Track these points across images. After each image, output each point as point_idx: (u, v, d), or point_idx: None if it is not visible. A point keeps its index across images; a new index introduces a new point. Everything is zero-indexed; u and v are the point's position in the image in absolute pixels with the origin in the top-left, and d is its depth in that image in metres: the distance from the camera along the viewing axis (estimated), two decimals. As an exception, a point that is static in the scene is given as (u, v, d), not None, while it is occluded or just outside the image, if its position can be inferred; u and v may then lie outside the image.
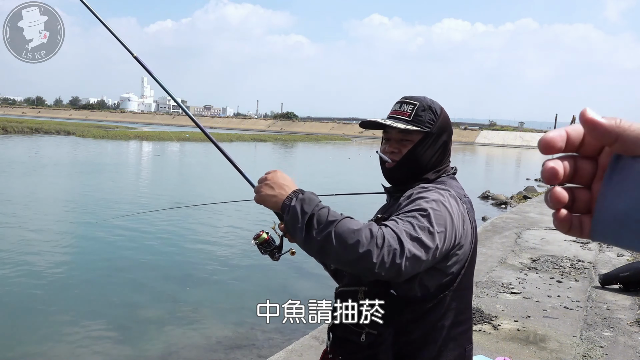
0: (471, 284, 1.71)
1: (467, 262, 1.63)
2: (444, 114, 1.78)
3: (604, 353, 4.68)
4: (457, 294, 1.62)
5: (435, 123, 1.73)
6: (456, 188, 1.71)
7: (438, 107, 1.78)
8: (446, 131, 1.77)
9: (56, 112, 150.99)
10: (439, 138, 1.75)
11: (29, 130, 49.63)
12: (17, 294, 6.89)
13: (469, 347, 1.70)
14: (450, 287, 1.60)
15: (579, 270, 7.57)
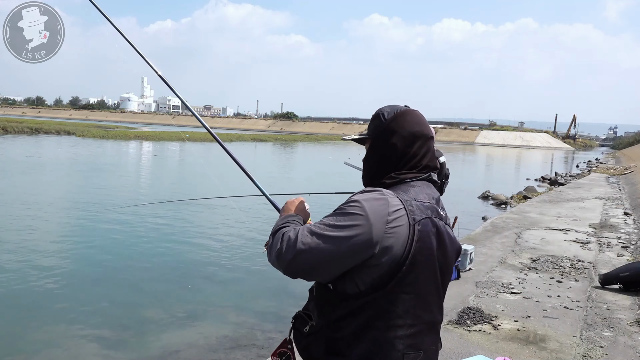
0: (420, 290, 1.66)
1: (403, 265, 1.59)
2: (401, 118, 1.80)
3: (604, 353, 4.68)
4: (392, 297, 1.61)
5: (379, 128, 1.80)
6: (416, 192, 1.72)
7: (391, 113, 1.82)
8: (396, 134, 1.78)
9: (56, 112, 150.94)
10: (386, 142, 1.78)
11: (29, 130, 49.63)
12: (17, 293, 6.89)
13: (412, 354, 1.66)
14: (381, 288, 1.59)
15: (579, 270, 7.56)
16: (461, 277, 6.83)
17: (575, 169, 40.77)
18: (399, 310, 1.63)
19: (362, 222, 1.56)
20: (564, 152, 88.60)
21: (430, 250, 1.66)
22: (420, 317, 1.68)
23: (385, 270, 1.59)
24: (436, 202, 1.80)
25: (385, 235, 1.57)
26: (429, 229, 1.66)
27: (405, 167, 1.79)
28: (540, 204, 15.59)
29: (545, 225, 11.48)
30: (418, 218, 1.64)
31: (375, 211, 1.58)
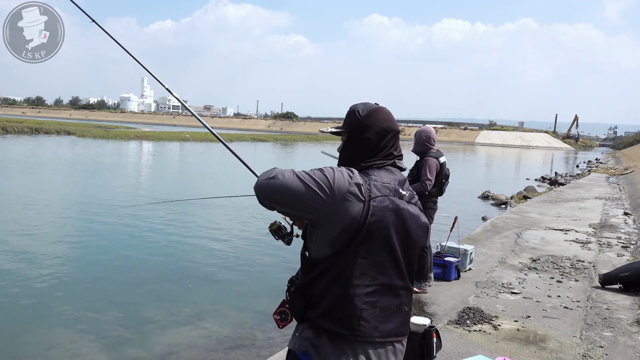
0: (375, 257, 1.97)
1: (359, 234, 1.92)
2: (373, 116, 2.12)
3: (604, 353, 4.68)
4: (350, 262, 1.94)
5: (355, 123, 2.13)
6: (378, 176, 2.03)
7: (365, 110, 2.14)
8: (370, 129, 2.09)
9: (56, 112, 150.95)
10: (361, 136, 2.10)
11: (29, 130, 49.63)
12: (17, 293, 6.89)
13: (368, 310, 1.97)
14: (340, 254, 1.93)
15: (579, 270, 7.56)
16: (461, 277, 6.83)
17: (576, 169, 40.77)
18: (356, 272, 1.94)
19: (327, 184, 1.90)
20: (564, 152, 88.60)
21: (386, 224, 1.96)
22: (376, 279, 1.98)
23: (343, 238, 1.92)
24: (398, 184, 2.07)
25: (340, 203, 1.90)
26: (386, 205, 1.97)
27: (375, 156, 2.09)
28: (540, 204, 15.59)
29: (545, 225, 11.48)
30: (374, 195, 1.95)
31: (339, 181, 1.91)
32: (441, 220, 8.86)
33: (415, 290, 6.17)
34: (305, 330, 2.07)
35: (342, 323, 1.97)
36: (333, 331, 1.98)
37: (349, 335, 1.97)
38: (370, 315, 1.98)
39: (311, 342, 2.02)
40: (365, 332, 1.98)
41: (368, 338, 1.98)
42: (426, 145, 6.01)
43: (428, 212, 6.02)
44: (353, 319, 1.96)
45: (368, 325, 1.98)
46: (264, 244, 10.15)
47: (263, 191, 2.01)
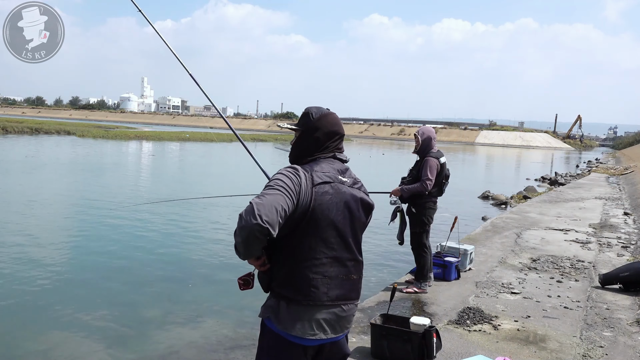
0: (321, 234, 2.33)
1: (306, 215, 2.28)
2: (324, 119, 2.51)
3: (604, 353, 4.68)
4: (300, 238, 2.31)
5: (307, 124, 2.53)
6: (319, 168, 2.39)
7: (317, 113, 2.54)
8: (319, 130, 2.49)
9: (56, 112, 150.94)
10: (311, 135, 2.50)
11: (29, 130, 49.62)
12: (17, 293, 6.89)
13: (319, 278, 2.33)
14: (293, 232, 2.29)
15: (579, 270, 7.56)
16: (461, 277, 6.83)
17: (575, 169, 40.77)
18: (306, 247, 2.31)
19: (293, 185, 2.25)
20: (564, 152, 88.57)
21: (328, 205, 2.33)
22: (324, 252, 2.34)
23: (298, 218, 2.27)
24: (339, 172, 2.44)
25: (299, 194, 2.25)
26: (326, 190, 2.33)
27: (320, 152, 2.48)
28: (540, 204, 15.59)
29: (545, 225, 11.48)
30: (317, 182, 2.31)
31: (295, 179, 2.27)
32: (441, 220, 8.86)
33: (415, 290, 6.17)
34: (268, 299, 2.49)
35: (296, 290, 2.34)
36: (289, 297, 2.36)
37: (302, 300, 2.34)
38: (320, 283, 2.34)
39: (272, 308, 2.43)
40: (316, 297, 2.34)
41: (318, 302, 2.34)
42: (429, 146, 6.02)
43: (428, 212, 6.02)
44: (305, 286, 2.33)
45: (318, 292, 2.34)
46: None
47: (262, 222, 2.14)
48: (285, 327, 2.36)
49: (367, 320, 5.10)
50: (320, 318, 2.36)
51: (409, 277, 6.74)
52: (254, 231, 2.11)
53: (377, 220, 5.74)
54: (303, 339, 2.36)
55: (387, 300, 4.74)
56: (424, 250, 6.10)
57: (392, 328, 4.33)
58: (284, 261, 2.36)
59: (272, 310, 2.43)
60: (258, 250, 2.28)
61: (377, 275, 8.30)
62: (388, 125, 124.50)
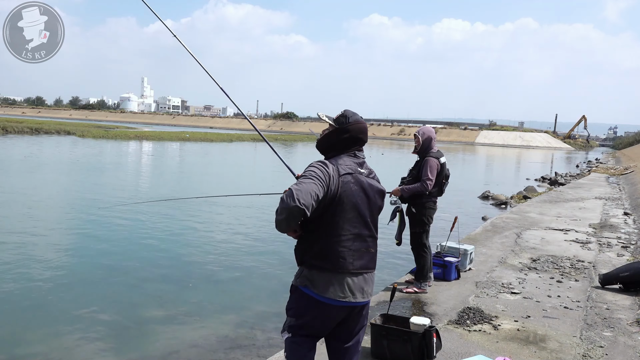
0: (347, 215, 2.91)
1: (335, 200, 2.86)
2: (355, 126, 3.05)
3: (604, 353, 4.68)
4: (331, 218, 2.88)
5: (342, 124, 3.06)
6: (343, 161, 2.97)
7: (352, 118, 3.07)
8: (348, 133, 3.03)
9: (56, 112, 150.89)
10: (341, 135, 3.04)
11: (29, 130, 49.61)
12: (17, 293, 6.89)
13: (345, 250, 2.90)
14: (325, 213, 2.87)
15: (579, 270, 7.56)
16: (461, 277, 6.83)
17: (575, 169, 40.76)
18: (334, 225, 2.89)
19: (323, 175, 2.83)
20: (564, 152, 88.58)
21: (351, 192, 2.91)
22: (349, 230, 2.92)
23: (328, 203, 2.85)
24: (358, 165, 3.02)
25: (329, 183, 2.83)
26: (349, 180, 2.92)
27: (345, 150, 3.04)
28: (540, 204, 15.59)
29: (545, 225, 11.48)
30: (342, 173, 2.90)
31: (325, 171, 2.85)
32: (441, 220, 8.86)
33: (415, 290, 6.17)
34: (304, 270, 2.98)
35: (328, 261, 2.89)
36: (322, 267, 2.90)
37: (333, 268, 2.90)
38: (347, 255, 2.91)
39: (307, 278, 2.94)
40: (344, 266, 2.91)
41: (345, 270, 2.91)
42: (429, 146, 6.02)
43: (428, 212, 6.02)
44: (335, 257, 2.89)
45: (345, 262, 2.91)
46: (265, 244, 10.16)
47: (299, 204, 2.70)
48: (320, 291, 2.90)
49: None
50: (348, 283, 2.92)
51: (409, 277, 6.74)
52: (294, 211, 2.68)
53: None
54: (335, 300, 2.90)
55: (387, 300, 4.73)
56: (423, 250, 6.10)
57: (392, 328, 4.33)
58: (317, 238, 2.92)
59: (308, 279, 2.94)
60: (295, 226, 2.86)
61: (377, 275, 8.21)
62: (388, 125, 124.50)
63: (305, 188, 2.72)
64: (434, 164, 5.88)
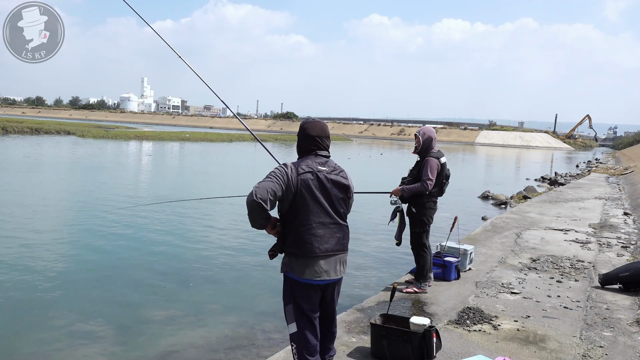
0: (308, 207, 3.33)
1: (296, 194, 3.30)
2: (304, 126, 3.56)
3: (604, 353, 4.68)
4: (296, 210, 3.33)
5: (300, 129, 3.56)
6: (304, 162, 3.42)
7: (302, 123, 3.59)
8: (300, 135, 3.53)
9: (56, 112, 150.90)
10: (299, 139, 3.54)
11: (29, 130, 49.62)
12: (17, 293, 6.89)
13: (312, 238, 3.33)
14: (291, 207, 3.33)
15: (579, 270, 7.56)
16: (461, 277, 6.84)
17: (575, 169, 40.75)
18: (300, 217, 3.33)
19: (281, 175, 3.30)
20: (564, 152, 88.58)
21: (310, 187, 3.33)
22: (313, 219, 3.35)
23: (291, 198, 3.31)
24: (319, 164, 3.42)
25: (287, 181, 3.29)
26: (308, 177, 3.34)
27: (305, 152, 3.50)
28: (540, 204, 15.59)
29: (545, 225, 11.48)
30: (301, 172, 3.33)
31: (283, 171, 3.32)
32: (441, 220, 8.86)
33: (415, 290, 6.17)
34: (284, 258, 3.43)
35: (299, 247, 3.34)
36: (296, 253, 3.35)
37: (304, 254, 3.35)
38: (313, 241, 3.34)
39: (287, 264, 3.42)
40: (313, 251, 3.34)
41: (314, 254, 3.35)
42: (430, 146, 6.02)
43: (428, 212, 6.02)
44: (304, 244, 3.34)
45: (313, 247, 3.34)
46: (264, 245, 10.16)
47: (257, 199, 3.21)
48: (299, 274, 3.37)
49: (367, 320, 5.10)
50: (320, 264, 3.37)
51: (408, 277, 6.74)
52: (254, 205, 3.18)
53: (376, 220, 5.73)
54: (313, 280, 3.37)
55: (387, 300, 4.74)
56: (423, 250, 6.10)
57: (392, 328, 4.33)
58: (289, 229, 3.37)
59: (288, 265, 3.41)
60: (261, 220, 3.29)
61: (377, 275, 8.30)
62: (388, 125, 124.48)
63: (263, 185, 3.23)
64: (434, 164, 5.88)
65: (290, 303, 3.47)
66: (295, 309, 3.46)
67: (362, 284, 7.73)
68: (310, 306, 3.46)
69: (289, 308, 3.49)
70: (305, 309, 3.44)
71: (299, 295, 3.43)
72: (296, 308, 3.46)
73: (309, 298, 3.45)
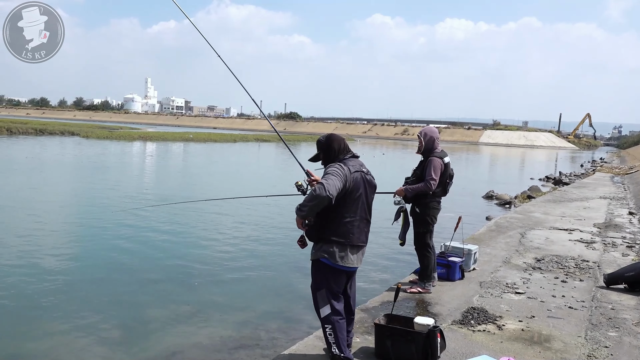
0: (354, 202, 3.94)
1: (347, 190, 3.86)
2: (331, 135, 4.22)
3: (609, 353, 4.65)
4: (344, 204, 3.87)
5: (322, 147, 4.16)
6: (350, 162, 4.00)
7: (324, 137, 4.21)
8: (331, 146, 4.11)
9: (60, 113, 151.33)
10: (329, 149, 4.11)
11: (34, 131, 49.79)
12: (22, 292, 6.90)
13: (353, 229, 3.94)
14: (342, 200, 3.85)
15: (584, 270, 7.53)
16: (465, 277, 6.81)
17: (580, 169, 40.62)
18: (347, 209, 3.91)
19: (342, 173, 3.84)
20: (568, 151, 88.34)
21: (358, 185, 3.93)
22: (356, 213, 3.95)
23: (343, 193, 3.82)
24: (360, 165, 4.06)
25: (345, 179, 3.84)
26: (357, 176, 3.94)
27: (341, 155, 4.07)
28: (544, 203, 15.54)
29: (549, 225, 11.44)
30: (352, 171, 3.92)
31: (342, 170, 3.87)
32: (445, 220, 8.83)
33: (419, 290, 6.15)
34: (322, 246, 3.93)
35: (342, 236, 3.90)
36: (338, 241, 3.89)
37: (346, 242, 3.91)
38: (355, 232, 3.94)
39: (325, 251, 3.90)
40: (354, 240, 3.95)
41: (353, 243, 3.95)
42: (433, 146, 6.01)
43: (432, 212, 6.01)
44: (347, 234, 3.91)
45: (354, 237, 3.94)
46: (269, 245, 10.16)
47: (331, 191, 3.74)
48: (336, 261, 3.89)
49: (370, 320, 5.08)
50: (354, 253, 3.97)
51: (412, 277, 6.72)
52: (324, 200, 3.69)
53: (380, 221, 5.71)
54: (347, 266, 3.95)
55: (391, 300, 4.72)
56: (427, 250, 6.08)
57: (396, 328, 4.31)
58: (333, 219, 3.88)
59: (326, 252, 3.90)
60: (317, 211, 3.81)
61: (380, 275, 8.28)
62: (391, 125, 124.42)
63: (332, 182, 3.72)
64: (437, 164, 5.86)
65: (323, 288, 3.92)
66: (328, 292, 3.92)
67: (366, 284, 7.71)
68: (340, 290, 4.01)
69: (322, 292, 3.93)
70: (337, 292, 3.97)
71: (333, 280, 3.93)
72: (329, 291, 3.93)
73: (341, 283, 4.00)
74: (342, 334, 3.92)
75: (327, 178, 3.76)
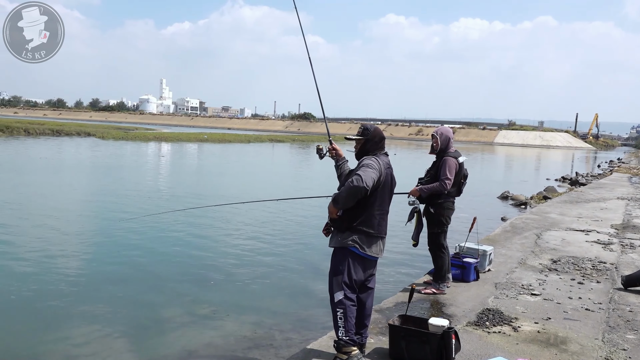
0: (382, 196, 4.16)
1: (379, 184, 4.07)
2: (376, 132, 4.33)
3: (627, 356, 4.59)
4: (374, 197, 4.08)
5: (367, 135, 4.29)
6: (381, 159, 4.19)
7: (371, 128, 4.35)
8: (375, 138, 4.28)
9: (76, 113, 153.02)
10: (371, 140, 4.28)
11: (51, 132, 50.38)
12: (37, 291, 6.98)
13: (378, 221, 4.14)
14: (373, 193, 4.05)
15: (601, 272, 7.44)
16: (480, 278, 6.77)
17: (597, 169, 40.16)
18: (377, 201, 4.11)
19: (377, 167, 4.06)
20: (585, 151, 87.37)
21: (387, 179, 4.18)
22: (383, 204, 4.21)
23: (376, 186, 4.04)
24: (389, 161, 4.28)
25: (379, 172, 4.06)
26: (387, 172, 4.19)
27: (378, 150, 4.27)
28: (560, 204, 15.39)
29: (565, 226, 11.32)
30: (384, 167, 4.15)
31: (377, 164, 4.09)
32: (459, 220, 8.79)
33: (434, 291, 6.12)
34: (350, 234, 4.08)
35: (371, 227, 4.10)
36: (367, 231, 4.09)
37: (375, 232, 4.13)
38: (381, 223, 4.18)
39: (354, 240, 4.07)
40: (381, 231, 4.19)
41: (379, 234, 4.18)
42: (447, 146, 5.98)
43: (446, 213, 5.98)
44: (376, 224, 4.13)
45: (381, 227, 4.17)
46: (285, 246, 10.17)
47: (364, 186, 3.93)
48: (365, 250, 4.09)
49: (385, 321, 5.07)
50: (380, 243, 4.21)
51: (427, 278, 6.69)
52: (361, 191, 3.90)
53: (393, 222, 5.71)
54: (374, 255, 4.17)
55: (406, 301, 4.70)
56: (441, 251, 6.05)
57: (410, 329, 4.30)
58: (364, 210, 4.06)
59: (356, 241, 4.07)
60: (354, 202, 3.98)
61: (395, 276, 8.26)
62: (406, 125, 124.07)
63: (369, 175, 3.93)
64: (452, 164, 5.83)
65: (341, 274, 4.06)
66: (348, 279, 4.06)
67: (380, 284, 7.68)
68: (359, 278, 4.13)
69: (338, 279, 4.07)
70: (356, 280, 4.11)
71: (355, 268, 4.09)
72: (349, 278, 4.06)
73: (364, 271, 4.16)
74: (352, 319, 4.05)
75: (364, 170, 3.95)
